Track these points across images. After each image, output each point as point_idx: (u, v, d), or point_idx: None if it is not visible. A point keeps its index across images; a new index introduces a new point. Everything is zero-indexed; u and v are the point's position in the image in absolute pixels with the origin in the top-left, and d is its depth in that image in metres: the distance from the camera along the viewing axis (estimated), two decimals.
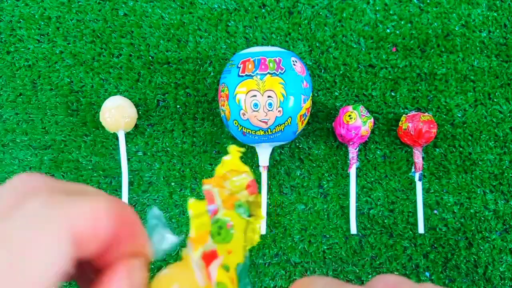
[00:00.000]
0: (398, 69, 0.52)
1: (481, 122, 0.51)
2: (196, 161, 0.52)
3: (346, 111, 0.48)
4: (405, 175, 0.51)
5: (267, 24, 0.53)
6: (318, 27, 0.53)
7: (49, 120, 0.53)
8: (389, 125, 0.52)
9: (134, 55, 0.53)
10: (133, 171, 0.52)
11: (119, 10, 0.53)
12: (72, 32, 0.53)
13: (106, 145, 0.52)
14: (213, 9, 0.53)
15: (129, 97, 0.52)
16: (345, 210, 0.51)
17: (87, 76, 0.53)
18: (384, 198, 0.51)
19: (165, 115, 0.52)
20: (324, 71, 0.52)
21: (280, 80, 0.43)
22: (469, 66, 0.52)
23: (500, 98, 0.51)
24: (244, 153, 0.52)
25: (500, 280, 0.49)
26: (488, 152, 0.51)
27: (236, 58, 0.45)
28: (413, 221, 0.50)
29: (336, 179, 0.51)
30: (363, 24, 0.52)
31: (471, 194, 0.50)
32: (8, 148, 0.52)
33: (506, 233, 0.50)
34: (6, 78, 0.53)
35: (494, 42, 0.52)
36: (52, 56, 0.53)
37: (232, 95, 0.44)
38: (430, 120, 0.48)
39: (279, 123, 0.44)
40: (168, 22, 0.53)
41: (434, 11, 0.52)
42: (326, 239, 0.51)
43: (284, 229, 0.51)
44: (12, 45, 0.53)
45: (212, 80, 0.53)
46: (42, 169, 0.52)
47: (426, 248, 0.50)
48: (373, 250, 0.50)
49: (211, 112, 0.52)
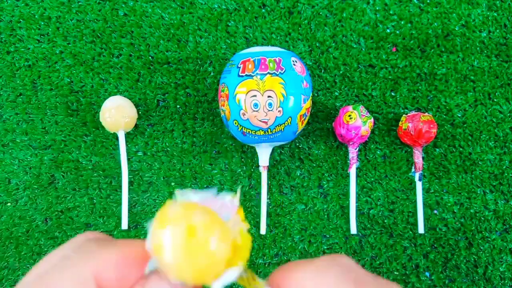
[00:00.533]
0: (398, 69, 0.52)
1: (481, 122, 0.51)
2: (196, 161, 0.52)
3: (346, 111, 0.48)
4: (405, 175, 0.51)
5: (267, 24, 0.53)
6: (318, 27, 0.53)
7: (49, 120, 0.53)
8: (389, 125, 0.52)
9: (134, 55, 0.53)
10: (133, 171, 0.52)
11: (119, 10, 0.53)
12: (72, 32, 0.53)
13: (106, 145, 0.52)
14: (213, 9, 0.53)
15: (129, 97, 0.52)
16: (345, 210, 0.51)
17: (87, 76, 0.53)
18: (384, 198, 0.51)
19: (165, 115, 0.52)
20: (324, 71, 0.52)
21: (280, 80, 0.43)
22: (469, 66, 0.52)
23: (500, 98, 0.51)
24: (244, 153, 0.52)
25: (500, 280, 0.49)
26: (488, 152, 0.51)
27: (236, 58, 0.45)
28: (413, 221, 0.50)
29: (336, 179, 0.51)
30: (363, 24, 0.52)
31: (471, 194, 0.50)
32: (8, 148, 0.52)
33: (506, 233, 0.50)
34: (6, 78, 0.53)
35: (494, 42, 0.52)
36: (52, 56, 0.53)
37: (232, 95, 0.44)
38: (430, 120, 0.48)
39: (279, 123, 0.44)
40: (168, 22, 0.53)
41: (434, 11, 0.52)
42: (326, 239, 0.51)
43: (284, 229, 0.51)
44: (12, 45, 0.53)
45: (212, 80, 0.53)
46: (42, 169, 0.52)
47: (426, 248, 0.50)
48: (373, 250, 0.50)
49: (211, 112, 0.52)
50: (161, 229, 0.17)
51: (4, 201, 0.52)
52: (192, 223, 0.17)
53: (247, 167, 0.52)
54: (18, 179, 0.52)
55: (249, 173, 0.51)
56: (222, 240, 0.17)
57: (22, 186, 0.52)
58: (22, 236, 0.51)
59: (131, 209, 0.51)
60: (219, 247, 0.17)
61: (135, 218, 0.51)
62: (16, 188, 0.52)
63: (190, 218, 0.17)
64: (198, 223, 0.17)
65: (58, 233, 0.51)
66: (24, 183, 0.52)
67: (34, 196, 0.52)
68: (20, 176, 0.52)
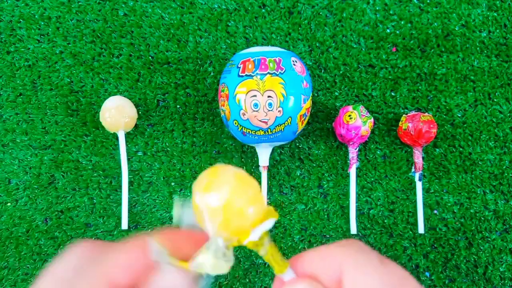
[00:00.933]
0: (398, 69, 0.52)
1: (481, 122, 0.51)
2: (196, 161, 0.52)
3: (346, 111, 0.48)
4: (405, 175, 0.51)
5: (267, 24, 0.53)
6: (318, 27, 0.53)
7: (49, 120, 0.53)
8: (389, 125, 0.52)
9: (134, 55, 0.53)
10: (133, 171, 0.52)
11: (119, 10, 0.53)
12: (72, 32, 0.53)
13: (106, 145, 0.52)
14: (213, 9, 0.53)
15: (129, 97, 0.52)
16: (345, 210, 0.51)
17: (87, 76, 0.53)
18: (384, 198, 0.51)
19: (165, 115, 0.52)
20: (324, 71, 0.52)
21: (280, 80, 0.43)
22: (469, 66, 0.52)
23: (500, 98, 0.51)
24: (244, 153, 0.52)
25: (500, 280, 0.49)
26: (488, 152, 0.51)
27: (236, 58, 0.45)
28: (413, 221, 0.50)
29: (336, 179, 0.51)
30: (363, 24, 0.52)
31: (471, 194, 0.50)
32: (8, 148, 0.52)
33: (506, 233, 0.50)
34: (6, 78, 0.53)
35: (494, 42, 0.52)
36: (52, 56, 0.53)
37: (232, 95, 0.44)
38: (430, 120, 0.48)
39: (279, 123, 0.44)
40: (168, 22, 0.53)
41: (434, 11, 0.52)
42: (326, 239, 0.51)
43: (284, 229, 0.51)
44: (12, 45, 0.53)
45: (212, 80, 0.53)
46: (42, 169, 0.52)
47: (426, 248, 0.50)
48: (373, 250, 0.50)
49: (211, 112, 0.52)
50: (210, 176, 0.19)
51: (4, 201, 0.52)
52: (236, 171, 0.20)
53: (247, 167, 0.52)
54: (18, 179, 0.52)
55: (249, 173, 0.51)
56: (259, 191, 0.20)
57: (22, 186, 0.52)
58: (22, 236, 0.51)
59: (131, 209, 0.51)
60: (257, 196, 0.20)
61: (135, 218, 0.51)
62: (16, 188, 0.52)
63: (233, 169, 0.20)
64: (241, 173, 0.20)
65: (58, 233, 0.51)
66: (24, 183, 0.52)
67: (34, 196, 0.52)
68: (20, 176, 0.52)
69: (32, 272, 0.51)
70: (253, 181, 0.20)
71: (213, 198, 0.19)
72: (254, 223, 0.19)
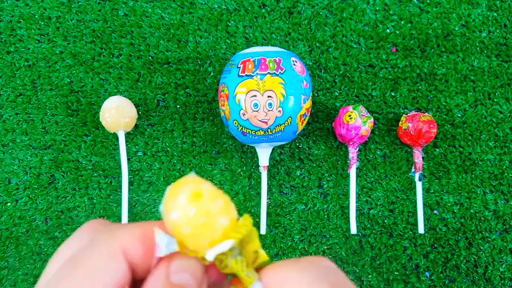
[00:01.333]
0: (398, 69, 0.52)
1: (481, 122, 0.51)
2: (196, 161, 0.52)
3: (346, 111, 0.48)
4: (405, 175, 0.51)
5: (267, 24, 0.53)
6: (318, 27, 0.53)
7: (49, 120, 0.53)
8: (389, 125, 0.52)
9: (134, 55, 0.53)
10: (133, 171, 0.52)
11: (119, 10, 0.53)
12: (72, 32, 0.53)
13: (106, 145, 0.52)
14: (213, 9, 0.53)
15: (129, 97, 0.52)
16: (345, 210, 0.51)
17: (87, 76, 0.53)
18: (384, 198, 0.51)
19: (165, 115, 0.52)
20: (324, 71, 0.52)
21: (280, 80, 0.43)
22: (469, 66, 0.52)
23: (500, 98, 0.51)
24: (244, 153, 0.52)
25: (500, 280, 0.49)
26: (488, 152, 0.51)
27: (236, 58, 0.45)
28: (413, 221, 0.50)
29: (336, 179, 0.51)
30: (363, 24, 0.52)
31: (471, 194, 0.50)
32: (8, 148, 0.52)
33: (506, 233, 0.50)
34: (6, 78, 0.53)
35: (494, 42, 0.52)
36: (52, 56, 0.53)
37: (232, 95, 0.44)
38: (430, 120, 0.48)
39: (279, 123, 0.44)
40: (168, 22, 0.53)
41: (434, 11, 0.52)
42: (326, 239, 0.51)
43: (284, 229, 0.51)
44: (12, 45, 0.53)
45: (212, 80, 0.53)
46: (42, 169, 0.52)
47: (426, 248, 0.50)
48: (373, 250, 0.50)
49: (211, 112, 0.52)
50: (174, 188, 0.19)
51: (4, 201, 0.52)
52: (200, 186, 0.19)
53: (247, 167, 0.52)
54: (18, 179, 0.52)
55: (249, 173, 0.51)
56: (224, 209, 0.19)
57: (22, 186, 0.52)
58: (22, 236, 0.51)
59: (131, 209, 0.51)
60: (219, 212, 0.19)
61: (135, 218, 0.51)
62: (16, 188, 0.52)
63: (200, 184, 0.20)
64: (205, 188, 0.19)
65: (58, 233, 0.51)
66: (24, 183, 0.52)
67: (34, 196, 0.52)
68: (20, 176, 0.52)
69: (32, 272, 0.51)
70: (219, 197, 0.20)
71: (171, 217, 0.19)
72: (211, 243, 0.19)
